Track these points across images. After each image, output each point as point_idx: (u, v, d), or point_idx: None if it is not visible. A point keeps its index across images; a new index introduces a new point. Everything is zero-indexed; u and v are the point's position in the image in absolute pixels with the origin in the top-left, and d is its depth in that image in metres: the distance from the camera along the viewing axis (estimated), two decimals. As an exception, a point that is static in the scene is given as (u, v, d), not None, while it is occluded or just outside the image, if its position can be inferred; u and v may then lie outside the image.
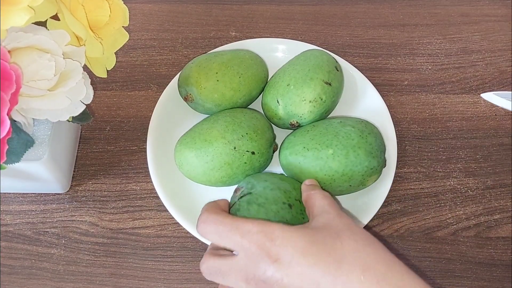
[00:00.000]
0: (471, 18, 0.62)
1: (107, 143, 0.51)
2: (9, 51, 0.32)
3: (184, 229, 0.43)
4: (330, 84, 0.46)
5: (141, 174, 0.49)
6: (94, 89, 0.38)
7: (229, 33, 0.60)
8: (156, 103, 0.49)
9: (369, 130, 0.43)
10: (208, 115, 0.48)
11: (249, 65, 0.48)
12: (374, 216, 0.43)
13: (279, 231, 0.31)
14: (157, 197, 0.45)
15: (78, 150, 0.50)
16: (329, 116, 0.49)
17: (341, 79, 0.48)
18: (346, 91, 0.50)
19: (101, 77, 0.40)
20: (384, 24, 0.62)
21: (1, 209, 0.46)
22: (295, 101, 0.45)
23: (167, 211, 0.44)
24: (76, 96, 0.36)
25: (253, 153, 0.43)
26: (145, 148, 0.47)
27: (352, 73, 0.52)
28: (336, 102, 0.48)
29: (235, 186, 0.45)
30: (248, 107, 0.50)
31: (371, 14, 0.62)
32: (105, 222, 0.46)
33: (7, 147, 0.31)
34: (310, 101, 0.45)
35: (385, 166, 0.44)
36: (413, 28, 0.61)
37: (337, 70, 0.47)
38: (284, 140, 0.46)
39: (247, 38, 0.58)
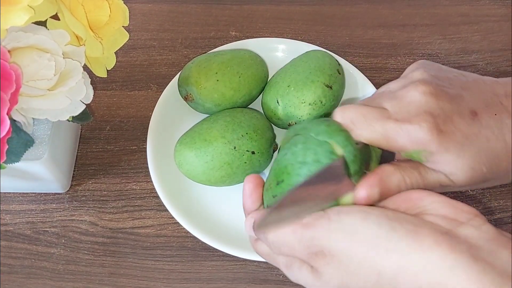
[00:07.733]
0: (471, 18, 0.62)
1: (107, 142, 0.51)
2: (9, 51, 0.32)
3: (183, 228, 0.43)
4: (331, 88, 0.46)
5: (141, 174, 0.49)
6: (94, 88, 0.38)
7: (229, 33, 0.60)
8: (156, 103, 0.49)
9: None
10: (208, 115, 0.48)
11: (249, 65, 0.48)
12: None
13: None
14: (157, 197, 0.45)
15: (78, 150, 0.50)
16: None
17: (343, 82, 0.48)
18: (346, 90, 0.50)
19: (101, 77, 0.40)
20: (384, 24, 0.61)
21: (1, 209, 0.46)
22: (295, 103, 0.45)
23: (167, 210, 0.44)
24: (76, 96, 0.36)
25: (253, 152, 0.43)
26: (145, 148, 0.47)
27: (352, 73, 0.52)
28: (336, 105, 0.48)
29: (235, 186, 0.45)
30: (248, 106, 0.50)
31: (371, 14, 0.62)
32: (105, 221, 0.46)
33: (7, 146, 0.31)
34: (309, 104, 0.45)
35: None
36: (413, 28, 0.61)
37: (339, 73, 0.47)
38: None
39: (247, 38, 0.58)
